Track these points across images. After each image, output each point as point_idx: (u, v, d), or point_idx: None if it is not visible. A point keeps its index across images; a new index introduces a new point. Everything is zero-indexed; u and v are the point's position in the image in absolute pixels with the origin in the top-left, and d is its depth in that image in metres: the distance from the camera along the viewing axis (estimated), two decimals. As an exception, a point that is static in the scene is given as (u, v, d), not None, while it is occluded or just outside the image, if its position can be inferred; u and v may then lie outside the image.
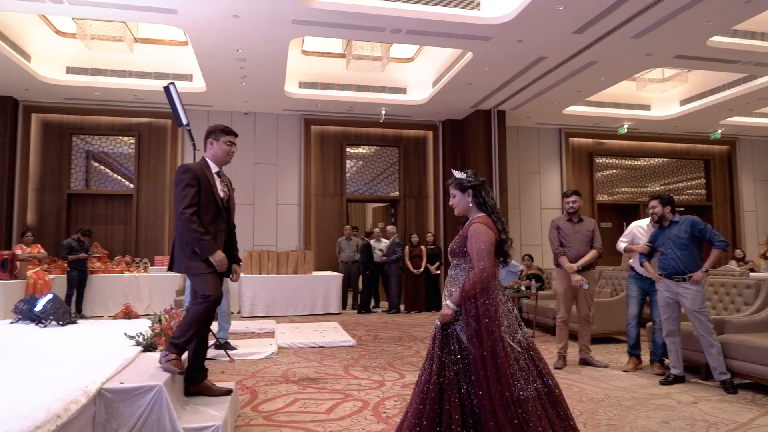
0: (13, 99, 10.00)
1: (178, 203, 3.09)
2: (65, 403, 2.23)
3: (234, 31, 7.27)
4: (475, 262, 2.57)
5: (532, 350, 2.65)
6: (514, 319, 2.66)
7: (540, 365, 2.62)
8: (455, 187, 2.83)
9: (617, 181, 13.07)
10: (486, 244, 2.60)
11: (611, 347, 6.33)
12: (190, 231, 3.06)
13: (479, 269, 2.55)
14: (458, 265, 2.73)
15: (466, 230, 2.71)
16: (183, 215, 3.06)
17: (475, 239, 2.62)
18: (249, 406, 3.89)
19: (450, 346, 2.59)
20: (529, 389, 2.50)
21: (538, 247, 11.94)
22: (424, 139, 11.96)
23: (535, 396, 2.50)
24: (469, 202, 2.79)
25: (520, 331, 2.66)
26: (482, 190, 2.78)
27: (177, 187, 3.12)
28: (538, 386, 2.54)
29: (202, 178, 3.18)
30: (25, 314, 4.49)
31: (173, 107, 5.50)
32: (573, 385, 4.51)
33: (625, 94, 11.16)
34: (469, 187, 2.78)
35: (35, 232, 9.33)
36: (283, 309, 9.22)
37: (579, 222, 5.40)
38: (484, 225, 2.66)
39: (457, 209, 2.86)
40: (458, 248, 2.72)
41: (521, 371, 2.53)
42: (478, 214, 2.75)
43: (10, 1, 6.53)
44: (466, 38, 7.55)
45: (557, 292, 5.41)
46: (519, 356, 2.56)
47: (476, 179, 2.80)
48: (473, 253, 2.60)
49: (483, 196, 2.77)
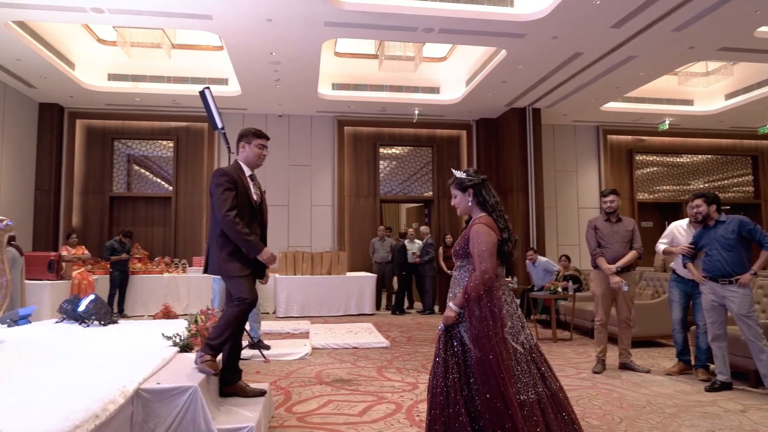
0: (59, 106, 10.39)
1: (219, 206, 3.12)
2: (103, 403, 2.28)
3: (267, 35, 7.36)
4: (477, 264, 2.57)
5: (535, 352, 2.62)
6: (518, 320, 2.64)
7: (542, 368, 2.59)
8: (455, 187, 2.81)
9: (658, 179, 12.66)
10: (487, 245, 2.58)
11: (653, 351, 6.12)
12: (235, 232, 3.10)
13: (481, 271, 2.54)
14: (462, 267, 2.72)
15: (469, 231, 2.69)
16: (227, 218, 3.09)
17: (477, 241, 2.60)
18: (283, 407, 3.91)
19: (453, 348, 2.58)
20: (529, 393, 2.46)
21: (575, 248, 11.68)
22: (458, 138, 11.86)
23: (535, 401, 2.46)
24: (470, 202, 2.76)
25: (524, 332, 2.62)
26: (483, 189, 2.75)
27: (216, 191, 3.16)
28: (539, 390, 2.50)
29: (238, 182, 3.23)
30: (69, 314, 4.63)
31: (208, 111, 5.60)
32: (613, 390, 4.38)
33: (666, 89, 10.80)
34: (470, 186, 2.76)
35: (80, 234, 9.66)
36: (317, 309, 9.29)
37: (617, 222, 5.25)
38: (485, 226, 2.64)
39: (458, 209, 2.85)
40: (461, 249, 2.71)
41: (522, 374, 2.50)
42: (480, 213, 2.74)
43: (55, 12, 6.78)
44: (500, 36, 7.44)
45: (595, 294, 5.26)
46: (521, 358, 2.54)
47: (476, 178, 2.77)
48: (475, 255, 2.59)
49: (483, 195, 2.74)
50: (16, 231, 8.75)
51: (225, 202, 3.12)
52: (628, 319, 5.21)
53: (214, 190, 3.17)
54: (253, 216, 3.30)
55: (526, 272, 10.27)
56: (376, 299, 9.89)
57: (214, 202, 3.16)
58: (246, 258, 3.21)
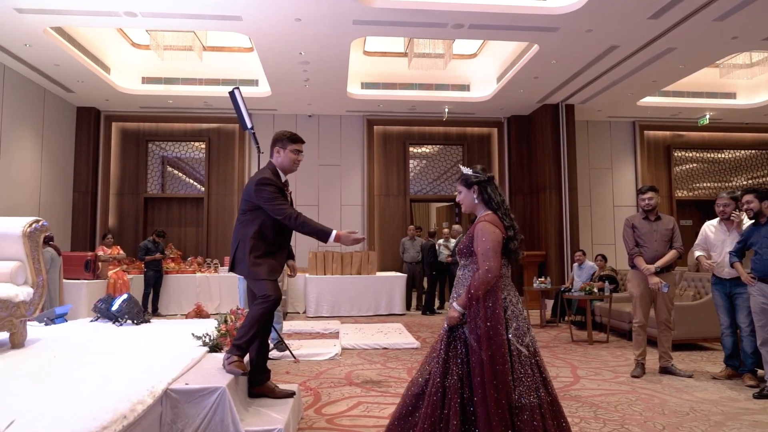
0: (96, 110, 10.65)
1: (277, 212, 3.11)
2: (132, 403, 2.26)
3: (296, 35, 7.36)
4: (481, 263, 2.51)
5: (537, 356, 2.54)
6: (524, 322, 2.58)
7: (545, 373, 2.53)
8: (461, 183, 2.77)
9: (698, 176, 12.23)
10: (492, 243, 2.53)
11: (695, 355, 5.87)
12: (308, 227, 3.12)
13: (485, 270, 2.49)
14: (466, 266, 2.67)
15: (473, 229, 2.65)
16: (298, 220, 3.10)
17: (481, 238, 2.55)
18: (312, 408, 3.87)
19: (457, 350, 2.52)
20: (531, 397, 2.40)
21: (610, 247, 11.37)
22: (489, 136, 11.68)
23: (536, 405, 2.39)
24: (475, 199, 2.72)
25: (529, 334, 2.56)
26: (489, 186, 2.70)
27: (267, 202, 3.13)
28: (542, 395, 2.44)
29: (279, 189, 3.21)
30: (103, 313, 4.70)
31: (238, 112, 5.63)
32: (653, 395, 4.19)
33: (706, 82, 10.40)
34: (475, 183, 2.71)
35: (115, 235, 9.88)
36: (347, 309, 9.26)
37: (656, 220, 5.04)
38: (490, 224, 2.59)
39: (463, 206, 2.80)
40: (465, 248, 2.66)
41: (525, 377, 2.43)
42: (486, 211, 2.69)
43: (90, 17, 6.92)
44: (532, 30, 7.27)
45: (633, 295, 5.07)
46: (525, 361, 2.47)
47: (483, 175, 2.72)
48: (479, 253, 2.54)
49: (489, 193, 2.69)
50: (56, 232, 9.01)
51: (282, 207, 3.13)
52: (668, 321, 4.99)
53: (265, 201, 3.14)
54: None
55: (562, 273, 10.07)
56: (406, 299, 9.81)
57: (268, 209, 3.14)
58: (275, 261, 3.21)
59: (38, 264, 3.82)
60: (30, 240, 3.75)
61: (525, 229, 11.20)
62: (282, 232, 3.28)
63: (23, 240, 3.70)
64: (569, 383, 4.61)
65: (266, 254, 3.19)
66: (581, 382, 4.64)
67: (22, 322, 3.61)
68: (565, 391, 4.31)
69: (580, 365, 5.34)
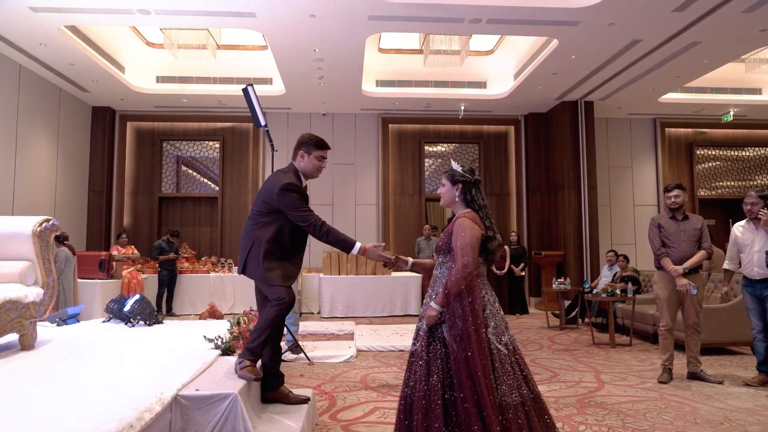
0: (111, 109, 10.66)
1: (302, 219, 2.99)
2: (139, 411, 2.16)
3: (311, 31, 7.25)
4: (459, 258, 2.49)
5: (517, 354, 2.53)
6: (502, 320, 2.56)
7: (525, 371, 2.51)
8: (447, 177, 2.75)
9: (721, 174, 11.90)
10: (471, 239, 2.51)
11: (723, 360, 5.65)
12: (332, 236, 3.01)
13: (462, 265, 2.46)
14: (444, 263, 2.64)
15: (452, 225, 2.63)
16: (322, 229, 2.99)
17: (460, 234, 2.53)
18: (327, 413, 3.75)
19: (437, 351, 2.47)
20: (513, 395, 2.38)
21: (630, 247, 11.10)
22: (506, 134, 11.48)
23: (519, 403, 2.38)
24: (456, 197, 2.70)
25: (507, 333, 2.54)
26: (473, 189, 2.69)
27: (291, 209, 2.99)
28: (524, 392, 2.43)
29: (304, 196, 3.09)
30: (116, 314, 4.63)
31: (251, 109, 5.53)
32: (684, 403, 4.00)
33: (731, 78, 10.08)
34: (461, 181, 2.69)
35: (130, 234, 9.86)
36: (362, 310, 9.15)
37: (684, 219, 4.84)
38: (470, 220, 2.58)
39: (443, 199, 2.78)
40: (444, 245, 2.63)
41: (506, 375, 2.42)
42: (465, 209, 2.67)
43: (103, 15, 6.87)
44: (552, 24, 7.08)
45: (659, 297, 4.87)
46: (505, 359, 2.45)
47: (471, 177, 2.71)
48: (457, 249, 2.52)
49: (472, 195, 2.68)
50: (71, 231, 9.00)
51: (308, 213, 3.01)
52: (696, 324, 4.78)
53: (289, 207, 3.00)
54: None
55: (581, 273, 9.85)
56: (421, 300, 9.65)
57: (292, 216, 3.01)
58: (291, 266, 3.09)
59: (49, 264, 3.75)
60: (40, 239, 3.68)
61: (542, 229, 11.00)
62: (299, 237, 3.15)
63: (33, 239, 3.62)
64: (593, 389, 4.43)
65: (281, 259, 3.05)
66: (606, 388, 4.46)
67: (31, 323, 3.54)
68: (589, 398, 4.14)
69: (603, 369, 5.16)
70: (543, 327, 8.00)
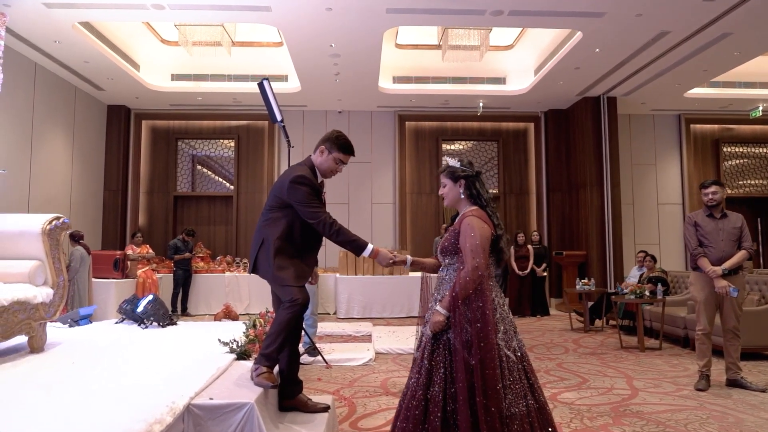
0: (126, 108, 10.60)
1: (311, 216, 2.80)
2: (148, 423, 1.99)
3: (327, 25, 7.08)
4: (468, 259, 2.35)
5: (525, 361, 2.40)
6: (510, 324, 2.43)
7: (532, 379, 2.39)
8: (447, 175, 2.61)
9: (748, 172, 11.53)
10: (481, 239, 2.38)
11: (764, 365, 5.36)
12: (342, 236, 2.81)
13: (472, 267, 2.33)
14: (450, 265, 2.50)
15: (459, 224, 2.48)
16: (333, 228, 2.79)
17: (469, 234, 2.39)
18: (347, 421, 3.57)
19: (441, 357, 2.34)
20: (519, 405, 2.26)
21: (654, 247, 10.78)
22: (525, 131, 11.22)
23: (525, 413, 2.26)
24: (461, 194, 2.56)
25: (516, 338, 2.41)
26: (476, 182, 2.56)
27: (300, 204, 2.81)
28: (530, 402, 2.30)
29: (315, 191, 2.90)
30: (129, 314, 4.49)
31: (267, 104, 5.37)
32: (726, 413, 3.75)
33: (760, 72, 9.73)
34: (462, 177, 2.56)
35: (145, 233, 9.78)
36: (379, 310, 8.96)
37: (722, 217, 4.58)
38: (478, 219, 2.45)
39: (446, 200, 2.64)
40: (450, 245, 2.48)
41: (513, 384, 2.29)
42: (471, 207, 2.54)
43: (117, 11, 6.77)
44: (576, 16, 6.83)
45: (696, 299, 4.62)
46: (513, 366, 2.32)
47: (471, 170, 2.58)
48: (466, 249, 2.38)
49: (477, 188, 2.55)
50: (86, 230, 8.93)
51: (318, 210, 2.81)
52: (736, 328, 4.52)
53: (298, 201, 2.82)
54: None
55: (604, 274, 9.57)
56: (427, 301, 9.45)
57: (301, 211, 2.83)
58: (303, 265, 2.91)
59: (59, 263, 3.61)
60: (50, 238, 3.54)
61: (564, 228, 10.73)
62: (312, 234, 2.95)
63: (42, 238, 3.48)
64: (627, 396, 4.20)
65: (293, 257, 2.86)
66: (640, 395, 4.22)
67: (41, 325, 3.41)
68: (624, 406, 3.91)
69: (635, 375, 4.91)
70: (566, 329, 7.75)
